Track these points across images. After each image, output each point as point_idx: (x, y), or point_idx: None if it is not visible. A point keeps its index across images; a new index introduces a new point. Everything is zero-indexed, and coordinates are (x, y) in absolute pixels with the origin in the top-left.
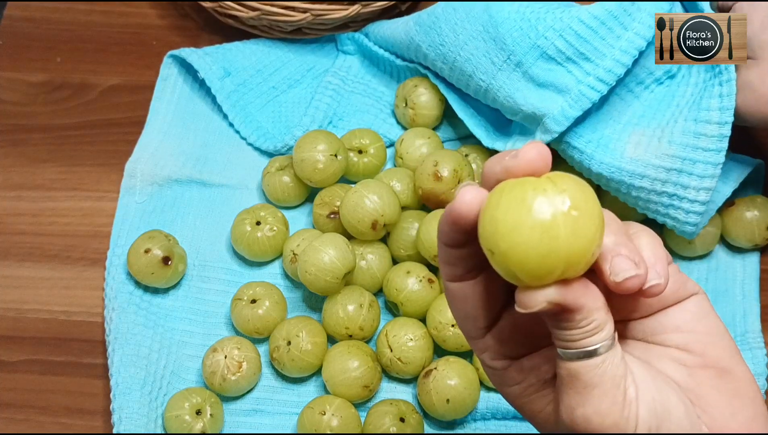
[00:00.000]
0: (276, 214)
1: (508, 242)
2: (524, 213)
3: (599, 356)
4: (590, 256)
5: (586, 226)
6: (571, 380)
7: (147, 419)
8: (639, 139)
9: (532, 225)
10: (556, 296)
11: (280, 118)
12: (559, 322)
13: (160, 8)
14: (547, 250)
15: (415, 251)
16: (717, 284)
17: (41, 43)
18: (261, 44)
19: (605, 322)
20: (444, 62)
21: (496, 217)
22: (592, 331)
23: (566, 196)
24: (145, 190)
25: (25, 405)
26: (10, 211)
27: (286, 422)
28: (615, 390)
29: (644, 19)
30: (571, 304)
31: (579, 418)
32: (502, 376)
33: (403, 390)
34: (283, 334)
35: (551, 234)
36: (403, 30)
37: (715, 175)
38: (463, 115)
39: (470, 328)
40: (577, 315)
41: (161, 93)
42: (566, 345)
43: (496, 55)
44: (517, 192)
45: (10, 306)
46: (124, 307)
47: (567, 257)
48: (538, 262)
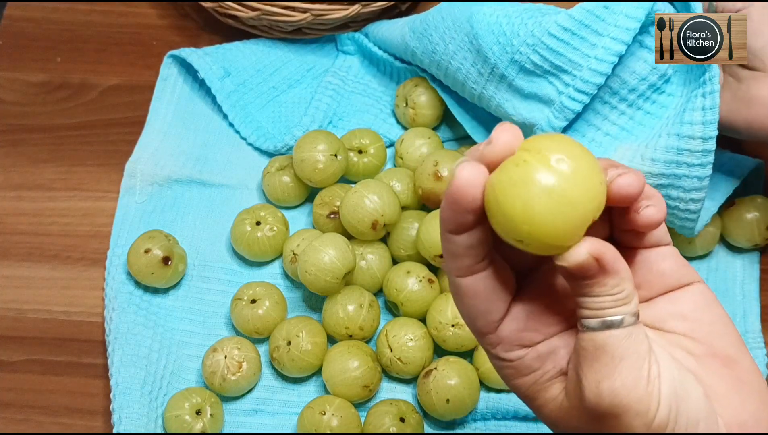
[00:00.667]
0: (276, 214)
1: (530, 226)
2: (526, 192)
3: (626, 328)
4: (600, 186)
5: (581, 166)
6: (597, 352)
7: (147, 419)
8: (623, 154)
9: (540, 197)
10: (595, 249)
11: (280, 118)
12: (591, 286)
13: (160, 8)
14: (565, 209)
15: (415, 251)
16: (717, 284)
17: (41, 43)
18: (261, 44)
19: (633, 294)
20: (438, 69)
21: (505, 210)
22: (622, 300)
23: (548, 154)
24: (145, 190)
25: (25, 405)
26: (10, 211)
27: (286, 422)
28: (641, 364)
29: (620, 21)
30: (608, 262)
31: (605, 391)
32: (517, 366)
33: (403, 390)
34: (283, 334)
35: (559, 193)
36: (399, 34)
37: (703, 188)
38: (461, 119)
39: (482, 325)
40: (610, 278)
41: (161, 93)
42: (593, 313)
43: (483, 67)
44: (507, 177)
45: (10, 306)
46: (124, 307)
47: (584, 202)
48: (564, 224)
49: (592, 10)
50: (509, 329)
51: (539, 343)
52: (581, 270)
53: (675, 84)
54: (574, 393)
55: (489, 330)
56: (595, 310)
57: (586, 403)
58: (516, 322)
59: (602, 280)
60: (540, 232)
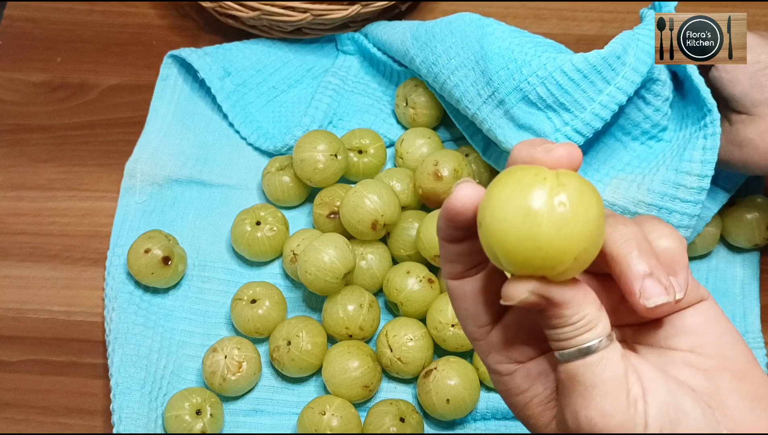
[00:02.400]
0: (276, 214)
1: (493, 217)
2: (516, 193)
3: (596, 354)
4: (571, 262)
5: (573, 226)
6: (571, 383)
7: (147, 419)
8: (619, 183)
9: (519, 206)
10: (538, 287)
11: (280, 118)
12: (549, 319)
13: (160, 8)
14: (526, 235)
15: (415, 251)
16: (717, 284)
17: (41, 43)
18: (261, 44)
19: (598, 318)
20: (435, 81)
21: (492, 191)
22: (584, 327)
23: (562, 192)
24: (145, 190)
25: (25, 405)
26: (10, 211)
27: (286, 422)
28: (617, 389)
29: (627, 74)
30: (556, 297)
31: (583, 420)
32: (508, 383)
33: (403, 390)
34: (283, 334)
35: (534, 220)
36: (400, 39)
37: (691, 225)
38: (461, 126)
39: (472, 328)
40: (565, 310)
41: (161, 93)
42: (560, 345)
43: (483, 88)
44: (520, 174)
45: (10, 306)
46: (124, 307)
47: (546, 251)
48: (516, 245)
49: (606, 57)
50: (499, 337)
51: (530, 360)
52: (524, 306)
53: (671, 130)
54: (561, 423)
55: (480, 335)
56: (560, 342)
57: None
58: (506, 332)
59: (556, 311)
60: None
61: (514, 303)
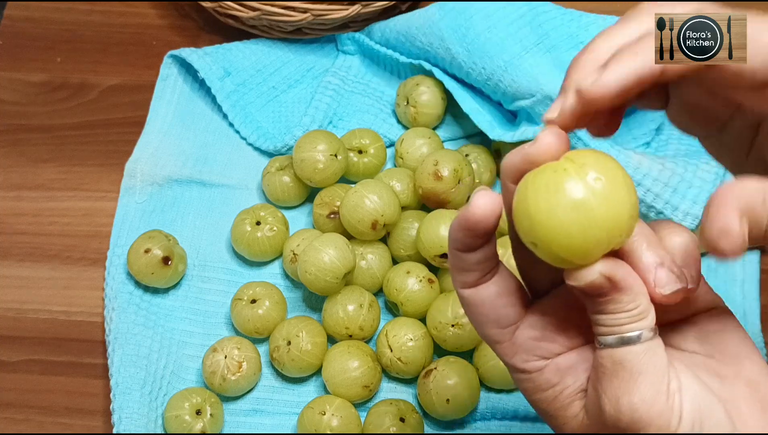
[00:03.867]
0: (276, 214)
1: (548, 231)
2: (554, 198)
3: (643, 343)
4: (629, 219)
5: (616, 191)
6: (616, 368)
7: (147, 419)
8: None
9: (565, 207)
10: (608, 269)
11: (280, 118)
12: (607, 303)
13: (160, 8)
14: (586, 226)
15: (415, 251)
16: (717, 284)
17: (41, 43)
18: (261, 44)
19: (649, 309)
20: (461, 44)
21: (529, 210)
22: (638, 316)
23: (588, 169)
24: (145, 190)
25: (25, 405)
26: (10, 211)
27: (286, 422)
28: (660, 378)
29: None
30: (621, 279)
31: (625, 406)
32: (536, 379)
33: (403, 390)
34: (283, 334)
35: (585, 209)
36: (424, 17)
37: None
38: (468, 109)
39: (495, 333)
40: (625, 295)
41: (161, 93)
42: (610, 330)
43: (528, 39)
44: (542, 179)
45: (10, 306)
46: (124, 307)
47: (607, 227)
48: (582, 241)
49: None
50: (525, 336)
51: (559, 355)
52: (593, 289)
53: None
54: (595, 410)
55: (502, 338)
56: (611, 327)
57: (607, 419)
58: (532, 330)
59: (616, 297)
60: (555, 241)
61: (583, 284)
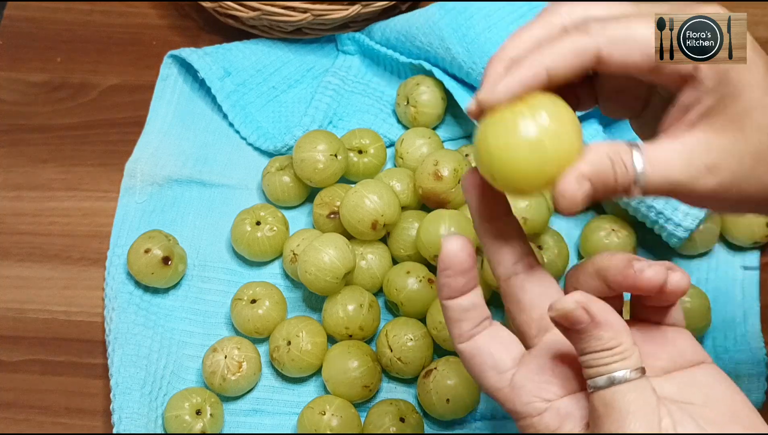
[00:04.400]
0: (276, 214)
1: (504, 164)
2: (511, 137)
3: (630, 382)
4: (575, 153)
5: (563, 128)
6: (607, 410)
7: (147, 419)
8: None
9: (520, 145)
10: (584, 299)
11: (280, 118)
12: (590, 339)
13: (160, 8)
14: (537, 157)
15: (415, 251)
16: (717, 284)
17: (41, 43)
18: (261, 44)
19: (632, 350)
20: (461, 44)
21: (489, 146)
22: (621, 354)
23: (542, 111)
24: (145, 190)
25: (25, 405)
26: (10, 211)
27: (286, 422)
28: (651, 416)
29: None
30: (597, 313)
31: None
32: (537, 425)
33: (403, 390)
34: (283, 334)
35: (538, 147)
36: (424, 17)
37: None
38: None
39: (494, 379)
40: (604, 331)
41: (161, 93)
42: (597, 371)
43: None
44: (497, 119)
45: (10, 306)
46: (124, 307)
47: (557, 161)
48: (535, 171)
49: None
50: (524, 379)
51: (558, 399)
52: (571, 319)
53: None
54: None
55: (502, 384)
56: (597, 368)
57: None
58: (530, 373)
59: (596, 332)
60: (509, 170)
61: (561, 312)
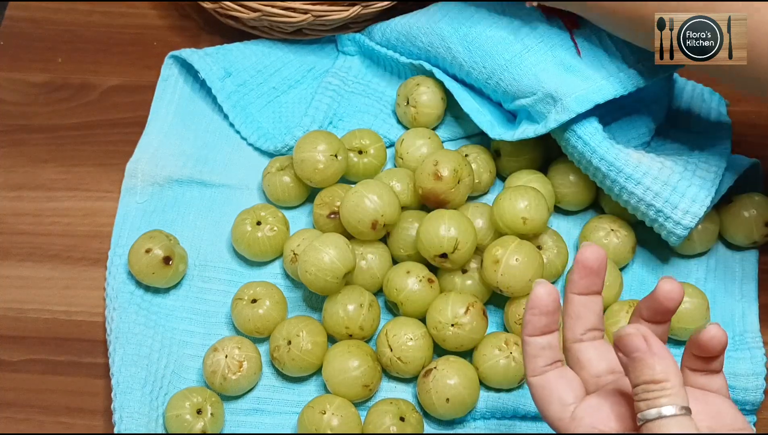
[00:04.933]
0: (276, 214)
1: None
2: None
3: (677, 417)
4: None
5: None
6: None
7: (148, 419)
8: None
9: None
10: (644, 329)
11: (280, 118)
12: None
13: (160, 9)
14: None
15: (415, 251)
16: (716, 283)
17: (42, 44)
18: (261, 45)
19: (680, 388)
20: (462, 43)
21: None
22: (669, 391)
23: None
24: (145, 190)
25: (25, 404)
26: (11, 211)
27: (287, 422)
28: None
29: None
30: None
31: None
32: None
33: (403, 389)
34: (284, 334)
35: None
36: (424, 17)
37: (705, 205)
38: (468, 109)
39: (558, 410)
40: (657, 363)
41: (162, 93)
42: (647, 405)
43: (529, 38)
44: None
45: (10, 306)
46: (125, 307)
47: None
48: None
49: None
50: (583, 411)
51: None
52: (629, 344)
53: None
54: None
55: (564, 415)
56: (647, 401)
57: None
58: (590, 407)
59: (650, 361)
60: None
61: (621, 337)
